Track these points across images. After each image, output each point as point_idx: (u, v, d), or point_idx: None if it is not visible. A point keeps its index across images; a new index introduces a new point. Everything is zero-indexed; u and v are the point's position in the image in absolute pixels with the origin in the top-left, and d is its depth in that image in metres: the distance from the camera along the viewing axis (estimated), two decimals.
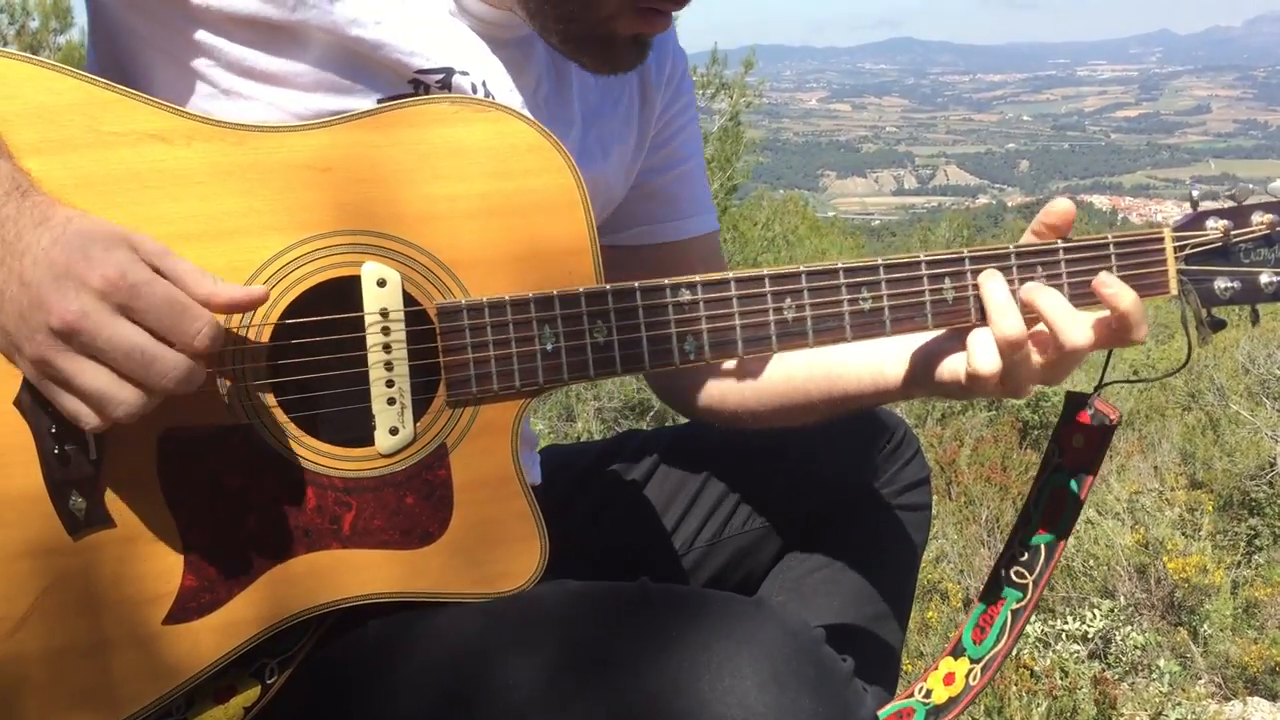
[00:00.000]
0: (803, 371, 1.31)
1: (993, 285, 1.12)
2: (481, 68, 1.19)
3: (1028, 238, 1.18)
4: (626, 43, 1.15)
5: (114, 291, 0.88)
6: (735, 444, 1.51)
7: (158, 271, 0.92)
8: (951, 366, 1.16)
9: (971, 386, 1.14)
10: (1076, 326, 1.09)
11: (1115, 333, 1.13)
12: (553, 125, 1.23)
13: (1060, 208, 1.16)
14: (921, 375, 1.20)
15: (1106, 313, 1.13)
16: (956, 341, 1.16)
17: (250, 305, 0.97)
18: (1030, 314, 1.12)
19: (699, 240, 1.44)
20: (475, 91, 1.18)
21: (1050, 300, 1.11)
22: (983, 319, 1.14)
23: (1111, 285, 1.12)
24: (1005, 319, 1.10)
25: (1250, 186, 1.23)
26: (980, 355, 1.11)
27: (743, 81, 9.08)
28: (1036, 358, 1.12)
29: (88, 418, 0.91)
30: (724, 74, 9.00)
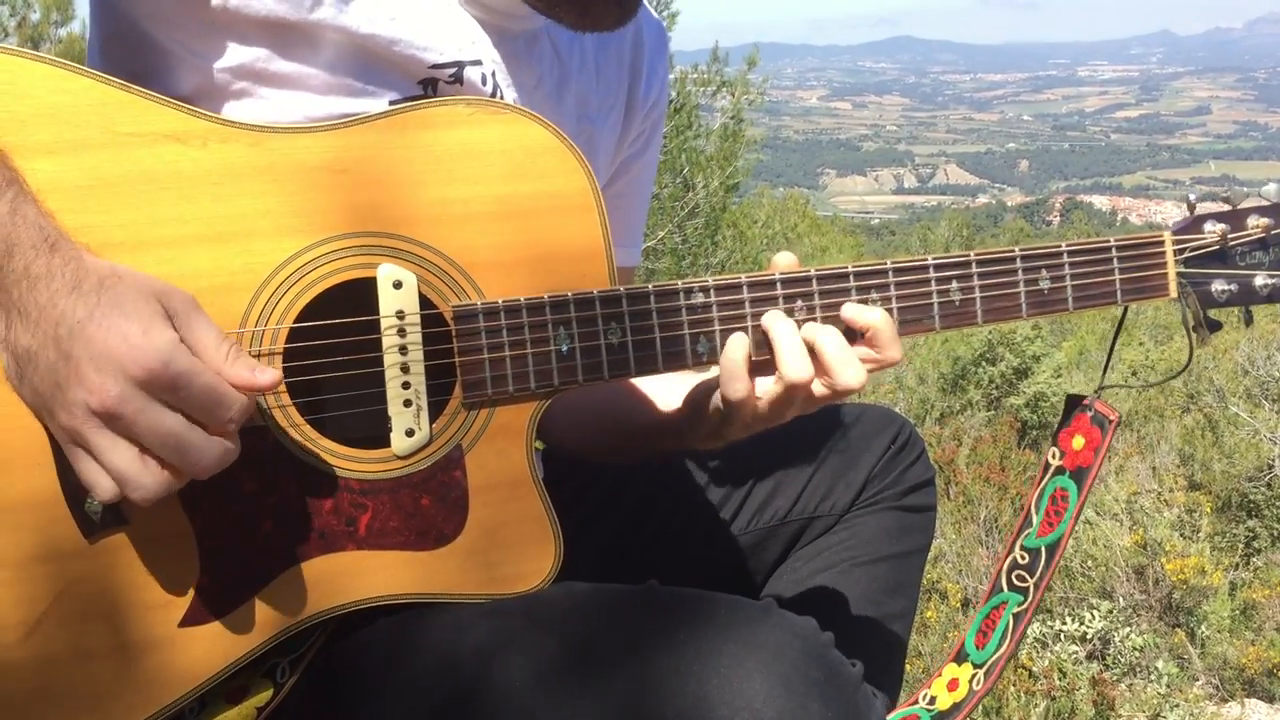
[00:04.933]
0: (609, 405, 1.35)
1: (780, 327, 1.12)
2: (491, 58, 1.20)
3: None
4: None
5: (155, 381, 0.88)
6: (738, 446, 1.52)
7: (180, 334, 0.91)
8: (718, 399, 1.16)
9: (730, 416, 1.14)
10: (851, 369, 1.10)
11: (871, 354, 1.13)
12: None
13: (784, 261, 1.15)
14: (699, 409, 1.21)
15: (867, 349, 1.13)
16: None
17: (255, 389, 0.94)
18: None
19: (621, 273, 1.44)
20: (485, 82, 1.19)
21: (831, 342, 1.11)
22: (989, 319, 1.17)
23: (850, 309, 1.13)
24: (794, 363, 1.09)
25: (1244, 190, 1.25)
26: (734, 383, 1.11)
27: (745, 79, 9.07)
28: (819, 389, 1.12)
29: (106, 490, 0.91)
30: (725, 71, 8.99)
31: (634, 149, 1.44)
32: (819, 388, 1.11)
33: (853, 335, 1.13)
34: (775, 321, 1.12)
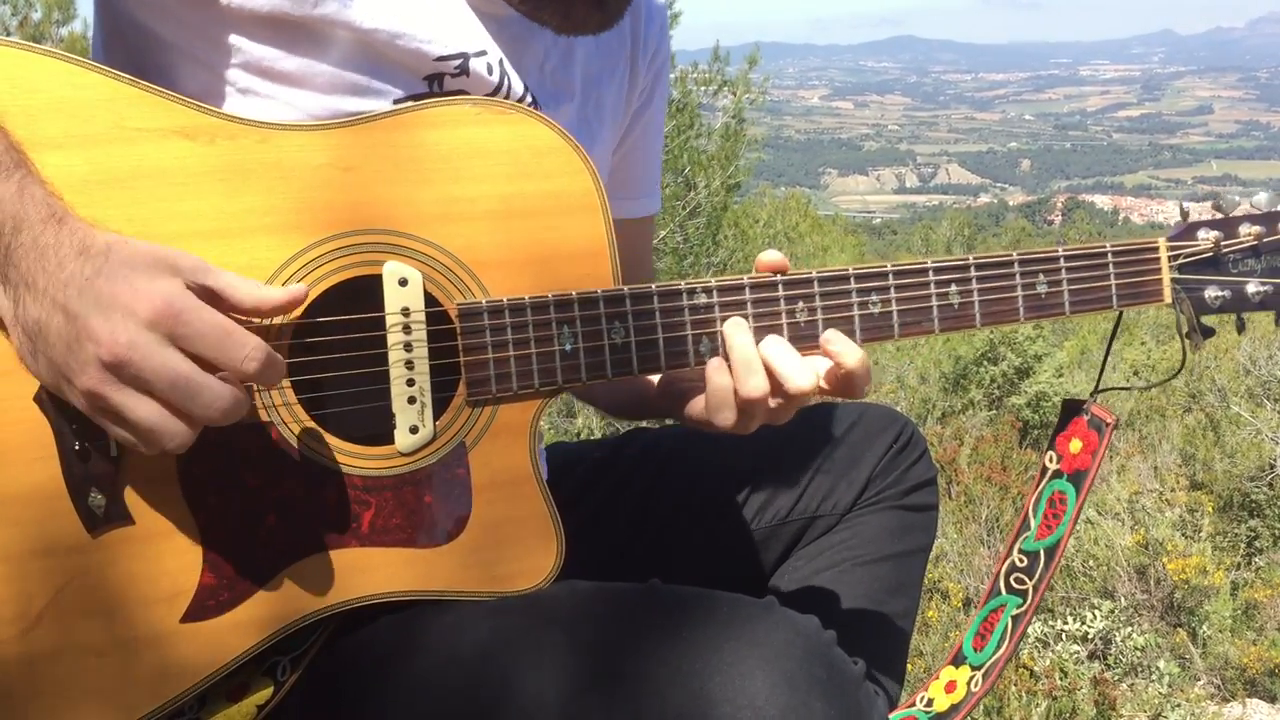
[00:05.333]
0: None
1: (740, 339, 1.12)
2: (495, 47, 1.21)
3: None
4: (583, 1, 1.16)
5: (160, 320, 0.88)
6: (741, 443, 1.52)
7: (201, 287, 0.92)
8: (699, 407, 1.18)
9: (705, 426, 1.17)
10: (802, 374, 1.11)
11: (838, 386, 1.14)
12: (558, 94, 1.25)
13: (771, 259, 1.16)
14: (677, 401, 1.23)
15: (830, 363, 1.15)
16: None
17: (295, 302, 0.97)
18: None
19: (638, 223, 1.48)
20: (491, 72, 1.19)
21: (778, 352, 1.12)
22: (987, 322, 1.18)
23: (837, 343, 1.14)
24: (750, 378, 1.11)
25: (1236, 199, 1.28)
26: (723, 411, 1.13)
27: (747, 78, 9.07)
28: (771, 403, 1.13)
29: (139, 448, 0.92)
30: (726, 71, 9.00)
31: (640, 100, 1.44)
32: (773, 400, 1.12)
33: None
34: (734, 333, 1.13)
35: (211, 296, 0.93)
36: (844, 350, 1.13)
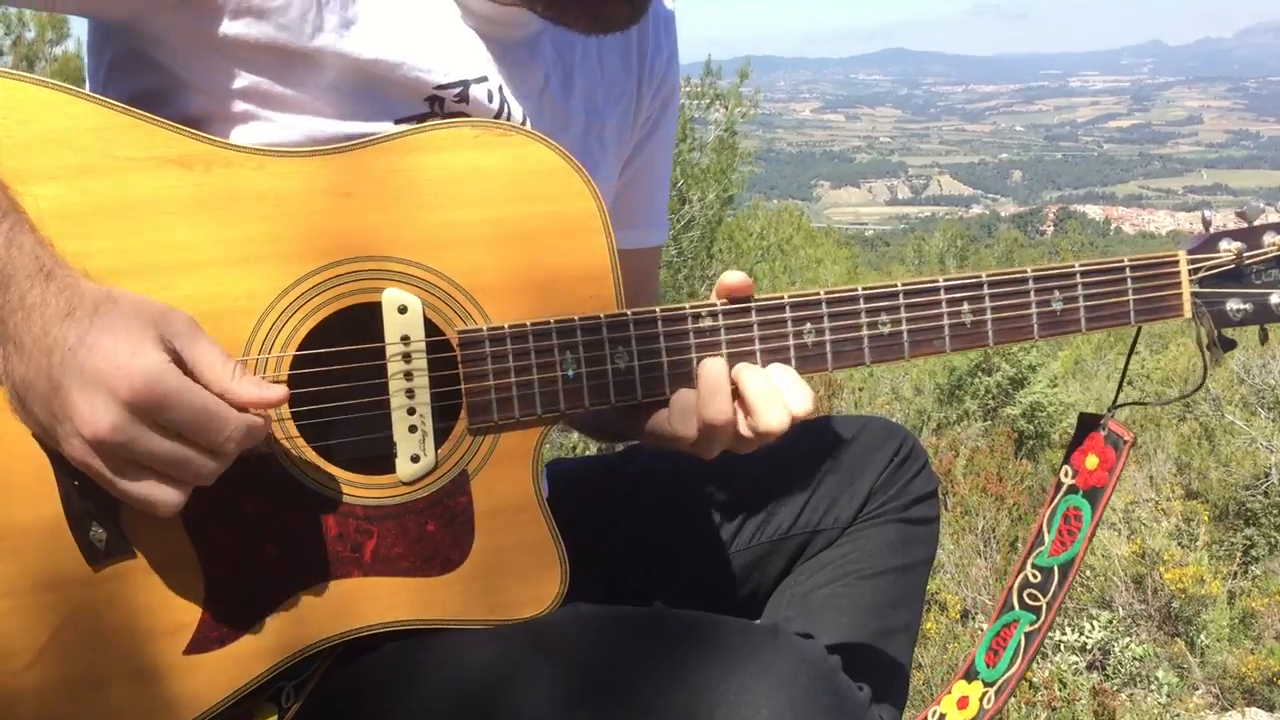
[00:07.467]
0: None
1: (709, 366, 1.12)
2: (495, 73, 1.20)
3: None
4: None
5: (140, 402, 0.87)
6: (741, 459, 1.52)
7: (179, 358, 0.90)
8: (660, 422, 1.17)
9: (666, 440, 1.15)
10: (774, 412, 1.09)
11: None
12: (556, 122, 1.23)
13: (733, 280, 1.14)
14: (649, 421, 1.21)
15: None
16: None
17: (262, 405, 0.93)
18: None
19: (645, 253, 1.45)
20: (491, 98, 1.18)
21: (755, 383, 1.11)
22: (1000, 341, 1.17)
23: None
24: (713, 402, 1.10)
25: (1261, 206, 1.24)
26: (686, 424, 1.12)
27: (738, 91, 9.11)
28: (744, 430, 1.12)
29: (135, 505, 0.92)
30: (718, 85, 9.04)
31: (645, 130, 1.42)
32: (744, 429, 1.11)
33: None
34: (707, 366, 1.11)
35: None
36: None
